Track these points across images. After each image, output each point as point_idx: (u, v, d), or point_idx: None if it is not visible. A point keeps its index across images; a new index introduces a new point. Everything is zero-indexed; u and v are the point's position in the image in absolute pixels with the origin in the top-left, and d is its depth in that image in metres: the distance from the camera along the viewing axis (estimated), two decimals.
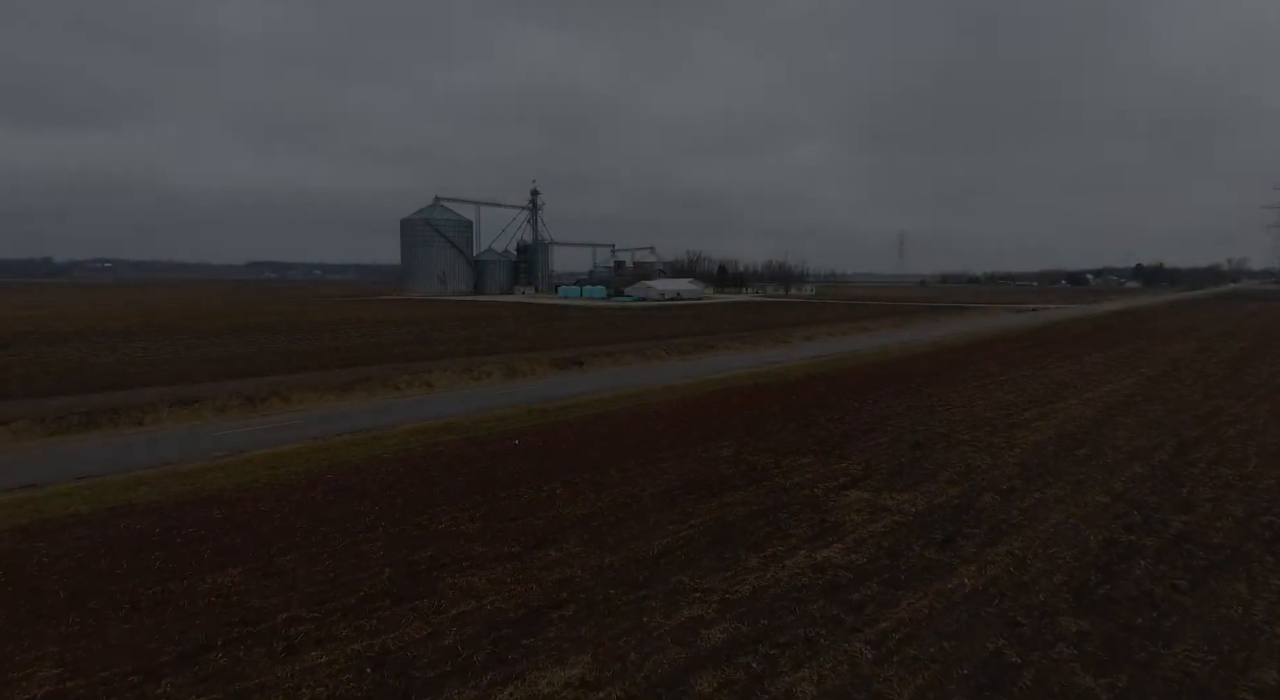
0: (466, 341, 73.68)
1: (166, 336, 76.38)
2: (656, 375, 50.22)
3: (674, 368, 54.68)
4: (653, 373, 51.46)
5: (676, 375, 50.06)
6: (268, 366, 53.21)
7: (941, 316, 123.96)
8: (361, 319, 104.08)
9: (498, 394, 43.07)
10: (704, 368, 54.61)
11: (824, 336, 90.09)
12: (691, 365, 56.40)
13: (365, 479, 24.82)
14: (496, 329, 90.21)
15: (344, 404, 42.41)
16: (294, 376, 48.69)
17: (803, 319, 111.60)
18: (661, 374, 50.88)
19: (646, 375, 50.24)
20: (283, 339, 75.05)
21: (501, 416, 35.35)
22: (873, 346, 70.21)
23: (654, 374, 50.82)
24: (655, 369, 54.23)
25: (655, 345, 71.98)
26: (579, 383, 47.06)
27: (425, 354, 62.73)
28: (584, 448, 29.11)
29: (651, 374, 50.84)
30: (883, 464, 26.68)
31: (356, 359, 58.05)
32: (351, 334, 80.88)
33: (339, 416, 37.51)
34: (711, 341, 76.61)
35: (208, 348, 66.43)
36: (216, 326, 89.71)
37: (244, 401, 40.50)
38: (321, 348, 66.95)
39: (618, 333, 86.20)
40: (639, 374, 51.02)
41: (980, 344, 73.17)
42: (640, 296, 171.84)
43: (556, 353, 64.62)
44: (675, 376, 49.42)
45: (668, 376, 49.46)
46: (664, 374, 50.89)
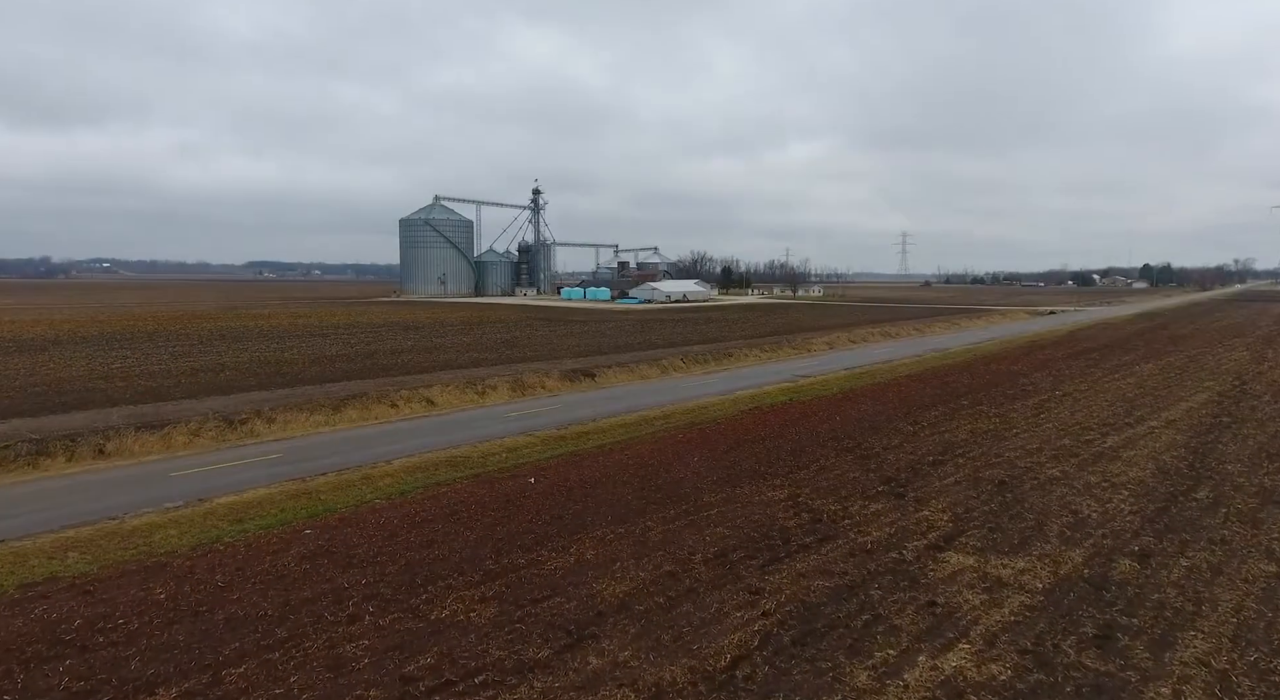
0: (469, 349, 69.26)
1: (150, 343, 71.95)
2: (678, 391, 45.79)
3: (695, 382, 50.21)
4: (673, 388, 46.99)
5: (700, 390, 45.64)
6: (253, 379, 48.76)
7: (960, 320, 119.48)
8: (358, 323, 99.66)
9: (506, 415, 38.58)
10: (728, 381, 50.13)
11: (846, 343, 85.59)
12: (713, 378, 51.90)
13: (351, 536, 20.38)
14: (500, 335, 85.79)
15: (334, 425, 37.99)
16: (280, 392, 44.24)
17: (819, 323, 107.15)
18: (683, 389, 46.46)
19: (667, 390, 45.80)
20: (273, 346, 70.62)
21: (513, 446, 30.87)
22: (904, 355, 65.70)
23: (675, 389, 46.36)
24: (675, 383, 49.77)
25: (670, 354, 67.47)
26: (594, 400, 42.58)
27: (425, 364, 58.29)
28: (613, 488, 24.66)
29: (672, 389, 46.39)
30: (972, 512, 22.25)
31: (350, 371, 53.61)
32: (347, 340, 76.44)
33: (326, 446, 32.94)
34: (729, 349, 72.17)
35: (193, 356, 61.98)
36: (206, 331, 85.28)
37: (221, 424, 36.05)
38: (314, 356, 62.52)
39: (628, 339, 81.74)
40: (658, 389, 46.59)
41: (1017, 352, 68.70)
42: (646, 298, 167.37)
43: (566, 363, 60.18)
44: (699, 392, 45.01)
45: (691, 392, 45.05)
46: (686, 389, 46.47)
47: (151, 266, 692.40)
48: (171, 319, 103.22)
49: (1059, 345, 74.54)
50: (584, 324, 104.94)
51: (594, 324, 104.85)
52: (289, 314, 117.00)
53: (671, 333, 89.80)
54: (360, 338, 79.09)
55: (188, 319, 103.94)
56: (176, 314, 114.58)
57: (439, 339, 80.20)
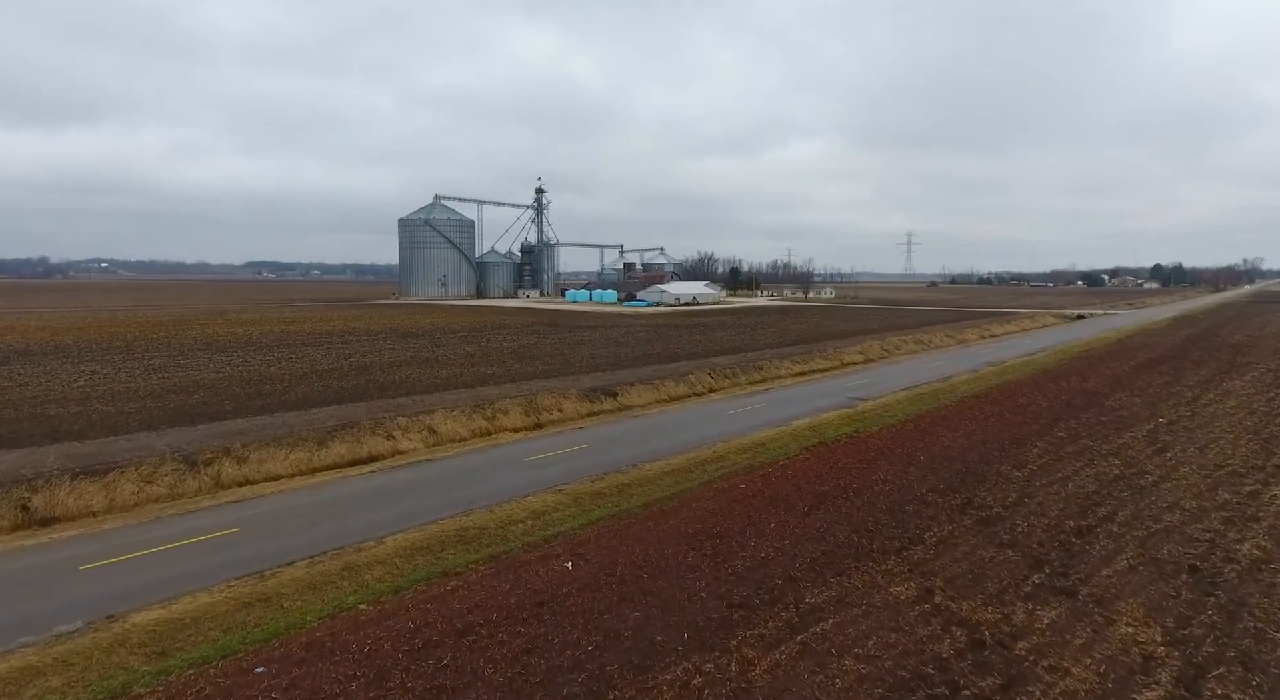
0: (474, 362, 62.99)
1: (126, 355, 65.71)
2: (720, 418, 39.27)
3: (735, 405, 43.70)
4: (713, 414, 40.53)
5: (746, 418, 39.20)
6: (229, 403, 42.48)
7: (988, 325, 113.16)
8: (355, 330, 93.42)
9: (523, 458, 31.59)
10: (775, 406, 43.55)
11: (880, 353, 79.27)
12: (755, 400, 45.39)
13: (321, 680, 14.12)
14: (506, 343, 79.53)
15: (316, 469, 31.80)
16: (258, 421, 37.99)
17: (844, 329, 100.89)
18: (726, 417, 39.96)
19: (707, 418, 39.32)
20: (259, 359, 64.38)
21: (539, 508, 24.43)
22: (958, 371, 59.11)
23: (715, 416, 39.86)
24: (712, 407, 43.35)
25: (695, 367, 61.21)
26: (627, 435, 35.75)
27: (427, 381, 52.04)
28: (678, 578, 18.45)
29: (713, 416, 39.91)
30: (1190, 630, 16.02)
31: (342, 392, 47.33)
32: (342, 350, 70.20)
33: (300, 512, 26.02)
34: (758, 360, 65.92)
35: (168, 371, 55.74)
36: (189, 340, 79.05)
37: (180, 467, 29.79)
38: (302, 371, 56.26)
39: (645, 349, 75.48)
40: (697, 417, 40.13)
41: (1076, 364, 62.44)
42: (654, 301, 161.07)
43: (583, 379, 53.92)
44: (745, 420, 38.58)
45: (737, 422, 38.58)
46: (729, 417, 39.97)
47: (150, 266, 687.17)
48: (156, 326, 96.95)
49: (1117, 356, 68.26)
50: (594, 330, 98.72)
51: (604, 330, 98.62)
52: (281, 319, 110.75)
53: (690, 341, 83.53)
54: (355, 348, 72.86)
55: (173, 325, 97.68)
56: (162, 320, 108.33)
57: (440, 348, 73.99)
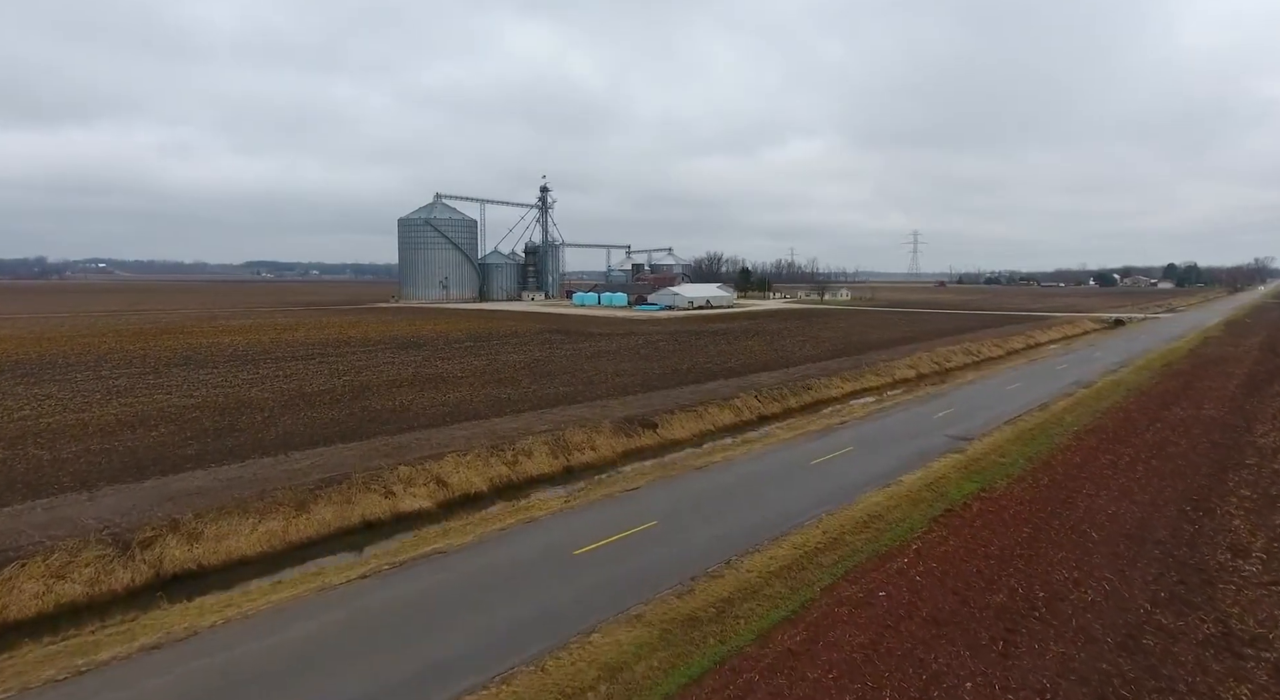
0: (485, 381, 55.44)
1: (91, 372, 58.18)
2: (805, 474, 30.48)
3: (815, 451, 34.60)
4: (792, 464, 31.92)
5: (836, 471, 30.80)
6: (193, 444, 34.92)
7: (1030, 331, 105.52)
8: (351, 339, 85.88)
9: (571, 553, 22.45)
10: (862, 447, 35.26)
11: (933, 368, 71.73)
12: (835, 441, 36.65)
13: None
14: (518, 356, 72.02)
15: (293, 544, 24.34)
16: (225, 470, 30.47)
17: (883, 337, 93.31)
18: (809, 468, 31.41)
19: (788, 472, 30.78)
20: (242, 376, 56.88)
21: (612, 660, 15.53)
22: (1043, 392, 50.58)
23: (798, 469, 31.24)
24: (789, 455, 34.96)
25: (737, 388, 53.73)
26: (694, 498, 27.29)
27: (433, 410, 44.54)
28: None
29: (794, 468, 31.36)
30: None
31: (332, 425, 39.80)
32: (335, 366, 62.67)
33: (252, 662, 17.39)
34: (804, 378, 58.43)
35: (134, 394, 48.27)
36: (169, 352, 71.54)
37: (108, 554, 22.30)
38: (288, 394, 48.75)
39: (673, 363, 67.94)
40: (774, 468, 31.68)
41: (1174, 382, 54.89)
42: (667, 305, 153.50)
43: (612, 405, 46.42)
44: (838, 474, 30.24)
45: (828, 476, 29.99)
46: (814, 469, 31.50)
47: (149, 266, 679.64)
48: (136, 335, 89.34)
49: (1207, 372, 60.71)
50: (609, 338, 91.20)
51: (620, 338, 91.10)
52: (273, 326, 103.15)
53: (719, 353, 75.97)
54: (350, 362, 65.35)
55: (155, 334, 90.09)
56: (145, 327, 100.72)
57: (445, 362, 66.49)
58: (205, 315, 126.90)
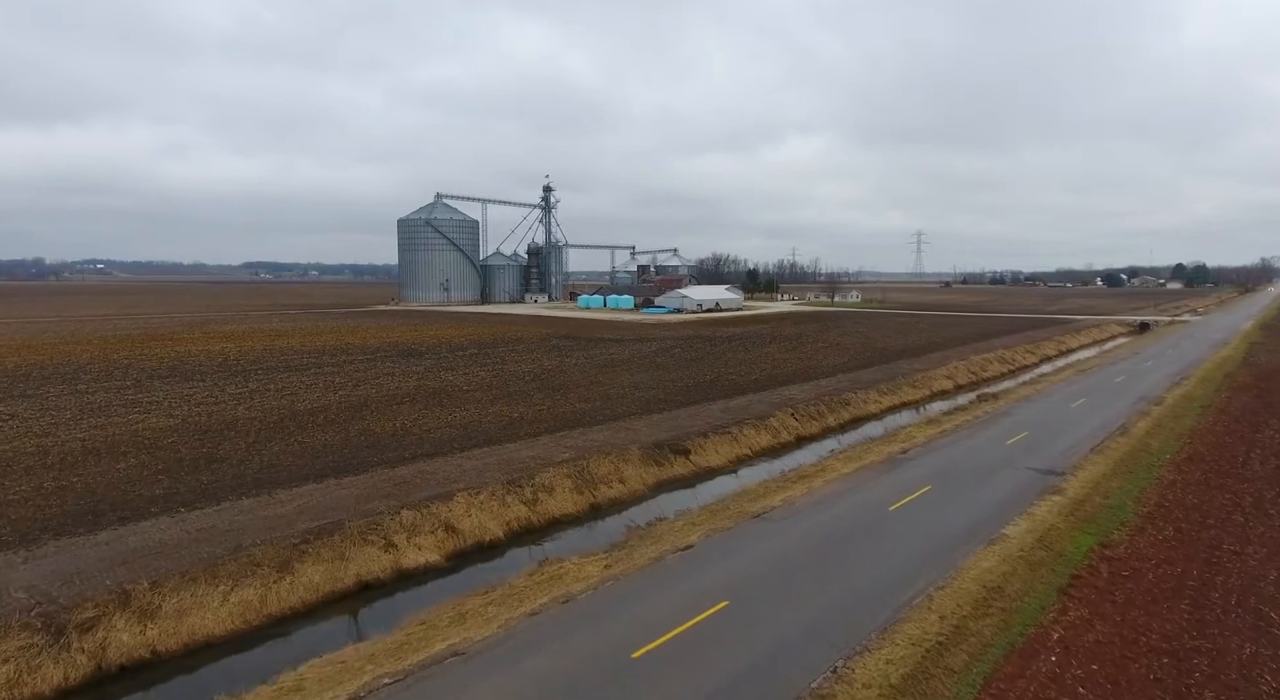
0: (494, 397, 50.85)
1: (66, 386, 53.57)
2: (890, 523, 25.17)
3: (888, 488, 29.26)
4: (869, 510, 26.50)
5: (925, 521, 25.25)
6: (162, 479, 30.31)
7: (1059, 336, 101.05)
8: (349, 346, 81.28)
9: (630, 654, 17.13)
10: (941, 483, 29.70)
11: (970, 378, 67.25)
12: (906, 476, 30.93)
13: None
14: (526, 366, 67.44)
15: (272, 618, 19.78)
16: (197, 517, 25.91)
17: (907, 344, 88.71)
18: (892, 517, 25.99)
19: (869, 521, 25.22)
20: (229, 391, 52.30)
21: None
22: (1114, 411, 45.28)
23: (878, 518, 25.85)
24: (846, 485, 30.40)
25: (768, 404, 49.22)
26: (764, 565, 21.97)
27: (438, 433, 39.97)
28: None
29: (873, 516, 25.99)
30: None
31: (324, 454, 35.20)
32: (330, 379, 58.10)
33: None
34: (838, 392, 53.88)
35: (110, 414, 43.74)
36: (154, 361, 66.97)
37: (35, 641, 17.73)
38: (277, 414, 44.18)
39: (694, 375, 63.39)
40: (848, 517, 26.27)
41: (1244, 396, 50.43)
42: (675, 307, 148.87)
43: (636, 426, 41.88)
44: (930, 527, 24.93)
45: (918, 529, 24.38)
46: (900, 519, 25.99)
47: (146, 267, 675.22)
48: (121, 342, 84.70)
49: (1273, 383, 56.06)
50: (620, 345, 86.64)
51: (633, 345, 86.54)
52: (267, 332, 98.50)
53: (741, 363, 71.40)
54: (347, 373, 60.76)
55: (142, 341, 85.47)
56: (133, 333, 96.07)
57: (450, 373, 61.93)
58: (198, 320, 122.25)
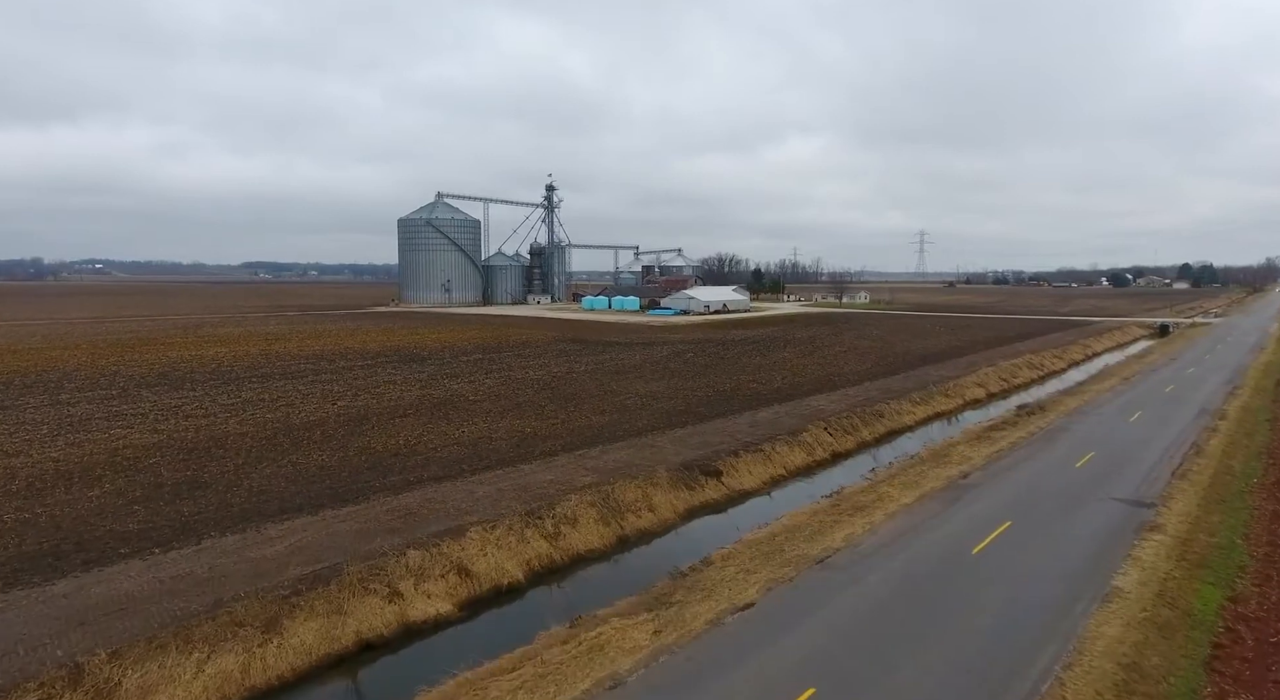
0: (504, 408, 47.51)
1: (49, 396, 50.26)
2: (974, 570, 21.38)
3: (953, 526, 26.33)
4: (929, 543, 23.65)
5: (1021, 568, 21.61)
6: (138, 514, 26.95)
7: (1082, 339, 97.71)
8: (349, 351, 77.96)
9: None
10: (1018, 515, 25.77)
11: (1001, 385, 63.92)
12: (972, 509, 27.10)
13: None
14: (534, 373, 64.13)
15: None
16: (173, 561, 22.58)
17: (929, 348, 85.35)
18: (974, 561, 22.13)
19: (937, 562, 22.16)
20: (220, 402, 49.01)
21: None
22: (1174, 426, 41.41)
23: (940, 552, 22.89)
24: (911, 518, 26.80)
25: (797, 417, 45.93)
26: (841, 626, 18.72)
27: (445, 451, 36.64)
28: None
29: (934, 550, 23.13)
30: None
31: (321, 478, 31.85)
32: (327, 388, 54.77)
33: None
34: (869, 402, 50.56)
35: (90, 430, 40.47)
36: (142, 369, 63.67)
37: None
38: (270, 428, 40.86)
39: (710, 382, 60.06)
40: (904, 545, 23.44)
41: None
42: (682, 309, 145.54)
43: (659, 442, 38.57)
44: (1029, 576, 21.14)
45: (1008, 577, 20.73)
46: (960, 555, 22.75)
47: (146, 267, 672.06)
48: (111, 347, 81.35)
49: None
50: (629, 349, 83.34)
51: (643, 349, 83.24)
52: (263, 336, 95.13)
53: (759, 369, 68.07)
54: (346, 381, 57.44)
55: (133, 346, 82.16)
56: (124, 338, 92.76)
57: (455, 381, 58.61)
58: (193, 322, 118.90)
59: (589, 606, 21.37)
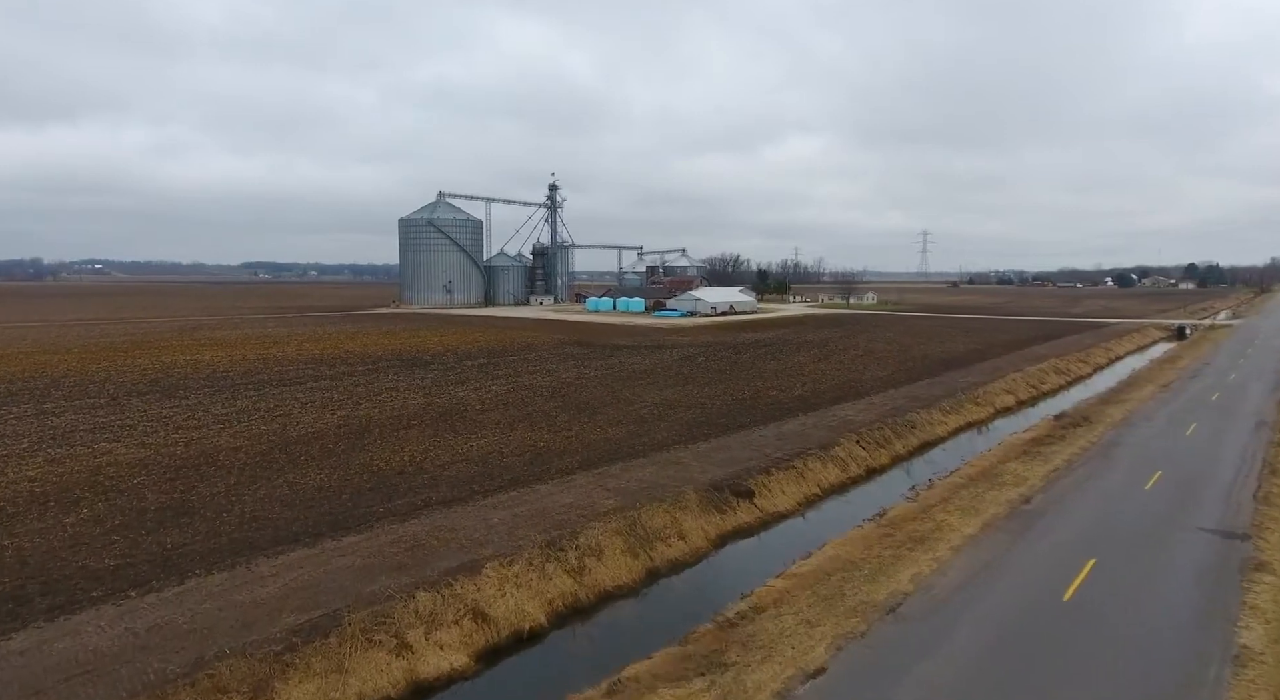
0: (513, 419, 44.88)
1: (34, 405, 47.62)
2: (1052, 617, 18.83)
3: (1030, 562, 23.39)
4: (1011, 587, 20.57)
5: (1093, 613, 18.94)
6: (116, 547, 24.28)
7: (1104, 341, 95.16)
8: (349, 355, 75.32)
9: None
10: (1111, 569, 21.95)
11: (1030, 392, 61.28)
12: (1045, 540, 23.75)
13: None
14: (543, 378, 61.51)
15: None
16: (148, 609, 19.95)
17: (948, 352, 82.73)
18: (1044, 600, 19.98)
19: (1026, 611, 18.95)
20: (216, 409, 46.40)
21: None
22: (1239, 442, 38.74)
23: (1027, 597, 19.65)
24: (979, 551, 23.91)
25: (827, 428, 43.37)
26: (903, 673, 16.47)
27: (454, 469, 34.00)
28: None
29: (1018, 594, 20.03)
30: None
31: (319, 502, 29.19)
32: (327, 396, 52.13)
33: None
34: (898, 412, 47.96)
35: (72, 444, 37.85)
36: (139, 373, 61.05)
37: None
38: (266, 443, 38.24)
39: (727, 389, 57.45)
40: (982, 588, 20.58)
41: None
42: (688, 310, 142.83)
43: (685, 460, 35.94)
44: (1093, 614, 18.77)
45: (1083, 616, 18.45)
46: (1051, 600, 19.62)
47: (145, 267, 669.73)
48: (103, 351, 78.68)
49: None
50: (638, 352, 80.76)
51: (652, 352, 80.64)
52: (261, 338, 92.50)
53: (776, 374, 65.45)
54: (347, 388, 54.80)
55: (127, 349, 79.51)
56: (117, 341, 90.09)
57: (460, 388, 55.98)
58: (190, 324, 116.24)
59: (623, 657, 18.79)
